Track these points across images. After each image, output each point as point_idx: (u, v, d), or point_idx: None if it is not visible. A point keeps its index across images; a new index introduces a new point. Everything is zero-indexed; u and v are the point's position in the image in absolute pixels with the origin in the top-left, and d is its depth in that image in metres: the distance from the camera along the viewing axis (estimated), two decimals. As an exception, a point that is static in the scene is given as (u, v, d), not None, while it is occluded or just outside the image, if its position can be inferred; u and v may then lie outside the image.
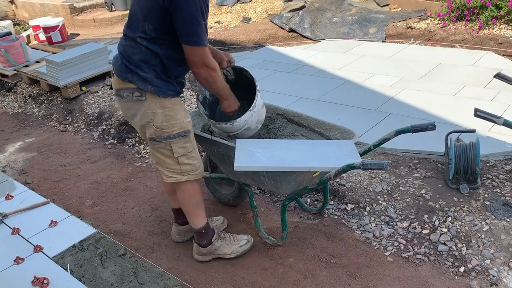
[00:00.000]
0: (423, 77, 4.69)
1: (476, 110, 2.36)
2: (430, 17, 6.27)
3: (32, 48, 6.19)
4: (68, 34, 7.30)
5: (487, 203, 2.56)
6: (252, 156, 2.22)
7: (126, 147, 3.99)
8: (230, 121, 2.34)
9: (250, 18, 7.57)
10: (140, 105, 2.14)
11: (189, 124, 2.25)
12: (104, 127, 4.29)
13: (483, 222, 2.43)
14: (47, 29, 6.84)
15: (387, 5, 7.17)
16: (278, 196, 3.04)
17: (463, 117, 3.71)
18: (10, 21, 8.08)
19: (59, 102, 4.91)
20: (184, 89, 2.40)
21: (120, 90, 2.16)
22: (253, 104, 2.33)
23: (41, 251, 2.42)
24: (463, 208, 2.55)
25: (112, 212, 3.05)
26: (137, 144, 3.97)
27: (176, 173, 2.27)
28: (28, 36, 7.32)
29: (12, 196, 3.00)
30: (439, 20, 6.05)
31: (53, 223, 2.68)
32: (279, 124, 2.77)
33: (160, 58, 2.09)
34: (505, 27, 5.48)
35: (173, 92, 2.17)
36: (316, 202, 2.97)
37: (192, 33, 1.98)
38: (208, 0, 2.05)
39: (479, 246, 2.33)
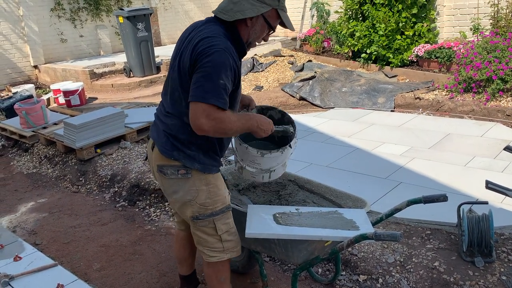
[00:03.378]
0: (433, 146, 4.74)
1: (487, 182, 2.37)
2: (438, 89, 6.45)
3: (51, 110, 6.42)
4: (87, 98, 7.58)
5: (504, 278, 2.48)
6: (263, 223, 2.22)
7: (137, 209, 4.00)
8: (280, 148, 2.22)
9: (262, 87, 7.84)
10: (184, 182, 2.08)
11: (229, 198, 2.21)
12: (116, 189, 4.34)
13: (500, 298, 2.35)
14: (67, 93, 7.12)
15: (395, 76, 7.41)
16: (289, 265, 2.98)
17: (474, 188, 3.70)
18: (32, 85, 8.44)
19: (73, 163, 5.01)
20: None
21: (163, 167, 2.09)
22: (294, 140, 2.26)
23: (46, 316, 2.37)
24: (479, 283, 2.48)
25: (119, 277, 3.01)
26: (147, 207, 3.99)
27: (218, 252, 2.19)
28: (48, 99, 7.61)
29: (20, 258, 2.99)
30: (446, 91, 6.21)
31: (60, 287, 2.64)
32: (290, 191, 2.78)
33: (205, 139, 2.04)
34: (512, 100, 5.60)
35: (217, 167, 2.15)
36: (327, 272, 2.91)
37: (201, 88, 1.85)
38: (237, 64, 1.97)
39: (498, 324, 2.24)
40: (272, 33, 2.14)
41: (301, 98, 7.02)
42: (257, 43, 2.17)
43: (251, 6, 1.96)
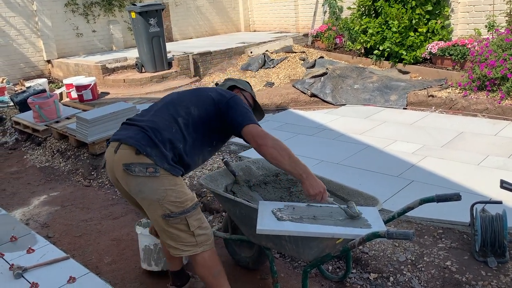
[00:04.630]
0: (446, 145, 4.69)
1: (502, 182, 2.34)
2: (451, 86, 6.37)
3: (64, 105, 6.48)
4: (99, 93, 7.64)
5: (517, 278, 2.45)
6: (275, 219, 2.22)
7: (148, 204, 4.02)
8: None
9: (273, 83, 7.82)
10: (152, 181, 2.10)
11: (195, 196, 2.28)
12: (127, 184, 4.36)
13: (513, 299, 2.32)
14: (79, 88, 7.17)
15: (407, 73, 7.34)
16: (299, 262, 2.98)
17: (488, 187, 3.65)
18: (45, 79, 8.54)
19: (85, 157, 5.05)
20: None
21: (131, 165, 2.10)
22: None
23: (58, 308, 2.40)
24: (491, 283, 2.45)
25: (130, 271, 3.03)
26: (158, 202, 4.00)
27: (191, 246, 2.21)
28: (61, 94, 7.68)
29: (33, 250, 3.02)
30: (460, 89, 6.14)
31: (72, 280, 2.66)
32: (301, 188, 2.77)
33: (183, 146, 2.18)
34: (527, 98, 5.52)
35: (181, 171, 2.21)
36: (338, 270, 2.90)
37: (250, 116, 2.20)
38: None
39: (510, 325, 2.22)
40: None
41: (312, 95, 6.99)
42: None
43: (233, 83, 2.57)
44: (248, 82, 2.66)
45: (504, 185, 2.35)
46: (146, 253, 2.87)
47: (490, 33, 6.90)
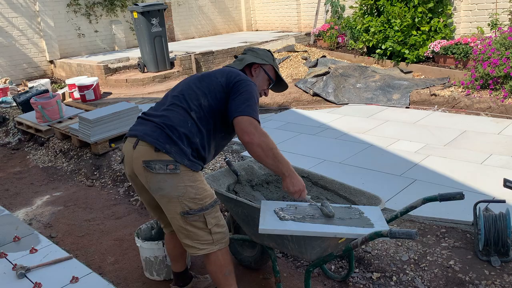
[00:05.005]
0: (448, 144, 4.67)
1: (505, 180, 2.33)
2: (454, 85, 6.35)
3: (66, 105, 6.49)
4: (101, 93, 7.65)
5: (521, 278, 2.44)
6: (277, 219, 2.21)
7: (150, 204, 4.02)
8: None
9: (276, 82, 7.81)
10: (172, 178, 2.09)
11: (214, 193, 2.27)
12: (130, 184, 4.36)
13: (517, 299, 2.31)
14: (82, 88, 7.19)
15: (410, 72, 7.32)
16: (301, 261, 2.97)
17: (491, 186, 3.64)
18: (48, 80, 8.55)
19: (88, 157, 5.06)
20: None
21: (151, 162, 2.08)
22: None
23: (61, 308, 2.40)
24: (495, 282, 2.44)
25: (133, 271, 3.03)
26: (161, 202, 4.01)
27: (208, 244, 2.21)
28: (63, 94, 7.70)
29: (36, 250, 3.04)
30: (463, 88, 6.12)
31: (74, 279, 2.67)
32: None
33: (200, 139, 2.16)
34: (530, 97, 5.49)
35: (201, 166, 2.21)
36: (340, 269, 2.89)
37: (246, 105, 2.11)
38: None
39: (514, 325, 2.21)
40: (271, 86, 2.51)
41: (315, 94, 6.98)
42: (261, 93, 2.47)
43: (254, 58, 2.43)
44: (269, 51, 2.52)
45: (507, 184, 2.34)
46: (147, 264, 2.88)
47: (493, 32, 6.88)
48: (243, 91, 2.15)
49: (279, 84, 2.51)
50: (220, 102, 2.18)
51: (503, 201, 2.77)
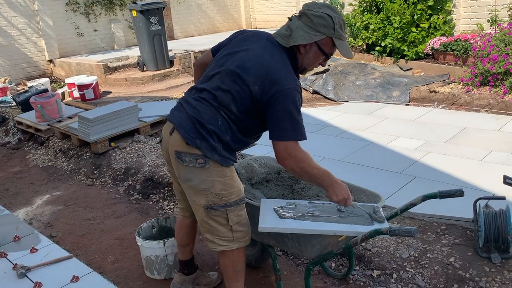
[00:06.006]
0: (448, 141, 4.67)
1: (505, 177, 2.33)
2: (454, 82, 6.34)
3: (66, 104, 6.49)
4: (101, 92, 7.64)
5: (521, 274, 2.44)
6: (276, 217, 2.21)
7: (151, 203, 4.03)
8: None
9: (275, 80, 7.80)
10: (201, 171, 2.10)
11: (243, 191, 2.24)
12: (130, 183, 4.37)
13: (517, 295, 2.31)
14: (81, 87, 7.18)
15: (410, 69, 7.31)
16: (302, 259, 2.98)
17: (491, 183, 3.63)
18: (47, 79, 8.54)
19: (87, 156, 5.06)
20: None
21: (182, 153, 2.10)
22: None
23: (62, 308, 2.41)
24: (495, 279, 2.44)
25: (133, 270, 3.03)
26: (161, 200, 4.01)
27: (228, 241, 2.21)
28: (63, 93, 7.69)
29: (36, 249, 3.04)
30: (462, 85, 6.11)
31: (75, 279, 2.68)
32: (303, 185, 2.77)
33: (231, 136, 2.10)
34: (530, 93, 5.48)
35: (233, 161, 2.18)
36: (341, 267, 2.89)
37: (281, 129, 1.98)
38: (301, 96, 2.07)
39: (514, 321, 2.21)
40: (329, 58, 2.18)
41: (314, 92, 6.97)
42: (313, 68, 2.22)
43: (304, 34, 2.04)
44: (333, 11, 2.05)
45: (507, 180, 2.33)
46: (148, 263, 2.88)
47: (493, 28, 6.86)
48: (279, 109, 1.97)
49: (344, 50, 2.12)
50: (250, 109, 2.06)
51: (503, 198, 2.77)
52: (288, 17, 2.14)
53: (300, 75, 2.20)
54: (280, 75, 1.99)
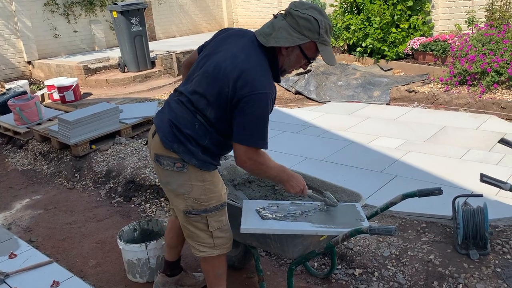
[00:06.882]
0: (428, 139, 4.74)
1: (482, 175, 2.37)
2: (433, 82, 6.45)
3: (45, 106, 6.38)
4: (81, 94, 7.55)
5: (498, 270, 2.50)
6: (259, 218, 2.22)
7: (132, 205, 3.99)
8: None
9: (258, 80, 7.81)
10: (179, 175, 2.08)
11: (225, 196, 2.21)
12: (112, 185, 4.32)
13: (495, 290, 2.36)
14: (61, 89, 7.08)
15: (390, 69, 7.40)
16: (285, 259, 2.99)
17: (469, 181, 3.71)
18: (26, 81, 8.40)
19: (68, 159, 4.98)
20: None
21: (160, 157, 2.09)
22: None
23: (42, 314, 2.37)
24: (473, 275, 2.49)
25: (115, 273, 3.00)
26: (143, 203, 3.98)
27: (208, 247, 2.20)
28: (42, 95, 7.57)
29: (15, 255, 2.98)
30: (442, 84, 6.22)
31: (55, 284, 2.64)
32: (285, 186, 2.78)
33: (209, 140, 2.07)
34: (506, 92, 5.61)
35: (215, 166, 2.15)
36: (323, 266, 2.91)
37: (246, 134, 1.94)
38: (274, 100, 2.03)
39: (492, 316, 2.25)
40: (311, 62, 2.12)
41: (297, 92, 7.00)
42: (292, 71, 2.18)
43: (287, 36, 1.95)
44: (320, 14, 1.95)
45: (484, 178, 2.38)
46: (130, 267, 2.85)
47: (470, 28, 7.00)
48: (248, 113, 1.91)
49: (327, 57, 2.02)
50: (226, 110, 2.00)
51: (481, 195, 2.83)
52: (274, 14, 2.05)
53: (280, 80, 2.15)
54: (253, 77, 1.92)
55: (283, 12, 2.01)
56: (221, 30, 2.26)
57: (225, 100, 1.97)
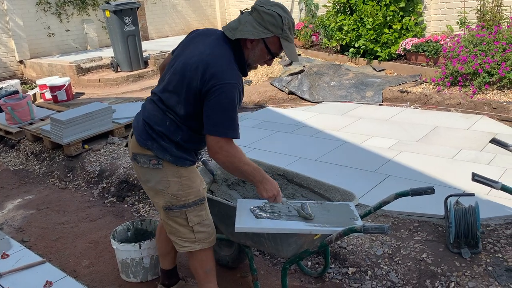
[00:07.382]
0: (420, 139, 4.78)
1: (473, 174, 2.40)
2: (425, 82, 6.50)
3: (37, 106, 6.33)
4: (74, 93, 7.50)
5: (490, 268, 2.52)
6: (253, 217, 2.22)
7: (126, 205, 3.98)
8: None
9: (251, 81, 7.82)
10: (156, 172, 2.14)
11: (204, 192, 2.24)
12: (104, 185, 4.30)
13: (486, 289, 2.39)
14: (53, 88, 7.03)
15: (383, 70, 7.45)
16: (279, 259, 3.00)
17: (461, 180, 3.74)
18: (18, 80, 8.32)
19: (60, 159, 4.96)
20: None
21: (137, 155, 2.16)
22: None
23: (35, 314, 2.36)
24: (465, 274, 2.52)
25: (109, 273, 2.99)
26: (136, 203, 3.97)
27: (190, 242, 2.23)
28: (34, 95, 7.51)
29: (7, 255, 2.96)
30: (434, 85, 6.27)
31: (48, 284, 2.63)
32: (279, 185, 2.78)
33: (182, 136, 2.11)
34: (497, 93, 5.67)
35: (191, 162, 2.18)
36: (317, 265, 2.93)
37: (214, 124, 1.97)
38: (242, 91, 2.05)
39: (484, 314, 2.28)
40: (275, 58, 2.17)
41: (290, 92, 7.02)
42: (258, 66, 2.21)
43: (252, 29, 2.02)
44: (283, 11, 2.03)
45: (475, 177, 2.40)
46: (124, 266, 2.85)
47: (462, 30, 7.06)
48: (215, 103, 1.96)
49: (290, 53, 2.08)
50: (196, 105, 2.04)
51: (472, 195, 2.86)
52: (240, 11, 2.13)
53: (247, 74, 2.18)
54: (218, 69, 1.97)
55: (249, 8, 2.11)
56: (191, 31, 2.31)
57: (194, 94, 2.02)
